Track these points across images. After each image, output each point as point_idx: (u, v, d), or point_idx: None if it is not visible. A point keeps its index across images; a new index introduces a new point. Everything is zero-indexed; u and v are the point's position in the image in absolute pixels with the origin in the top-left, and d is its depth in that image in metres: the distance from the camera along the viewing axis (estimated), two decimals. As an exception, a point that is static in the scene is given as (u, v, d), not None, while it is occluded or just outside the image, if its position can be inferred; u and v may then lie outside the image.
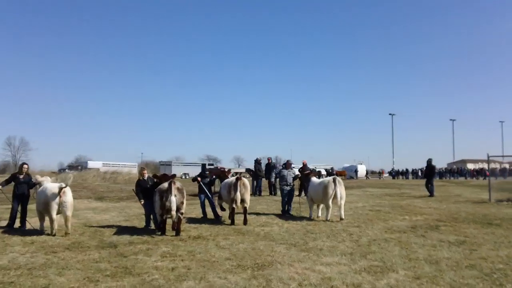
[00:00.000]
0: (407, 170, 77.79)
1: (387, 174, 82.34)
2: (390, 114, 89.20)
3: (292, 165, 15.43)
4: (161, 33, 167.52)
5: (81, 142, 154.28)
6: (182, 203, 10.86)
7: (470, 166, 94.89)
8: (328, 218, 12.86)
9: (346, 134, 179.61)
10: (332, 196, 12.78)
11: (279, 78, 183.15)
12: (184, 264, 7.49)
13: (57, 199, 10.50)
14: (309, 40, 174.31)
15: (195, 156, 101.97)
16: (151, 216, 11.95)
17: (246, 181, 12.66)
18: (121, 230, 11.46)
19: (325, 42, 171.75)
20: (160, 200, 10.62)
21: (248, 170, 25.73)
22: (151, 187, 12.25)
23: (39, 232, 11.01)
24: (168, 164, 68.49)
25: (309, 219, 13.41)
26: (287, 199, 14.81)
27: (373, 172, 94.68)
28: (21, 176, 12.04)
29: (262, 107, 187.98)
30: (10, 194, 12.13)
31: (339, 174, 56.94)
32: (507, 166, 60.33)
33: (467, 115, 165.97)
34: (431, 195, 22.47)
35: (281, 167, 15.17)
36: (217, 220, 13.14)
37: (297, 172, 15.47)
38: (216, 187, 15.44)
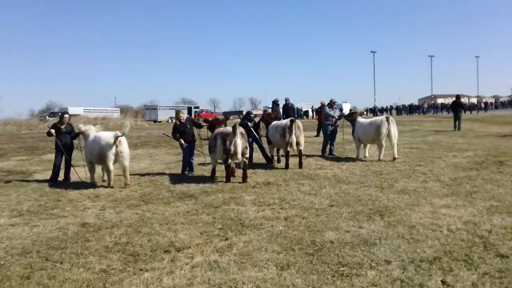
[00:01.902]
0: (391, 106, 78.28)
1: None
2: (371, 51, 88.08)
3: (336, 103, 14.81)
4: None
5: (51, 89, 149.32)
6: (246, 147, 10.39)
7: (440, 101, 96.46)
8: (381, 158, 12.44)
9: (325, 72, 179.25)
10: (385, 135, 12.32)
11: (254, 18, 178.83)
12: (294, 213, 6.97)
13: (114, 149, 9.71)
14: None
15: (170, 100, 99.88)
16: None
17: (300, 122, 12.03)
18: (176, 178, 10.86)
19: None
20: (223, 144, 10.02)
21: (265, 111, 24.94)
22: (189, 130, 11.68)
23: (91, 184, 10.24)
24: (154, 108, 66.69)
25: (358, 159, 12.98)
26: (330, 139, 14.29)
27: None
28: (63, 126, 11.08)
29: (236, 48, 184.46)
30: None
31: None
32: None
33: (445, 51, 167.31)
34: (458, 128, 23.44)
35: (327, 107, 14.45)
36: (269, 164, 12.56)
37: (339, 112, 14.84)
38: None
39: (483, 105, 70.90)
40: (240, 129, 10.36)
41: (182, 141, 11.63)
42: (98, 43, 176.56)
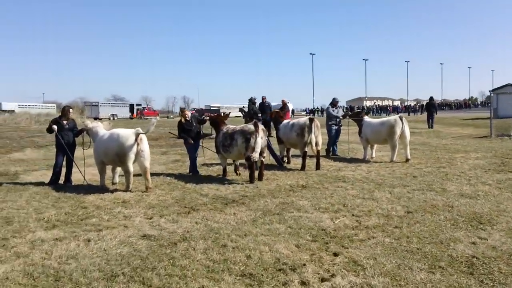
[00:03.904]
0: (320, 108, 79.80)
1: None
2: (310, 53, 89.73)
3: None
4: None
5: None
6: (266, 146, 10.11)
7: (368, 103, 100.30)
8: (394, 159, 12.18)
9: (264, 72, 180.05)
10: (399, 136, 12.09)
11: (189, 13, 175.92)
12: (376, 222, 6.41)
13: (135, 148, 8.63)
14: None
15: (100, 96, 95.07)
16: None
17: (318, 121, 11.49)
18: (191, 179, 10.00)
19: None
20: (246, 142, 9.50)
21: (241, 110, 24.12)
22: (195, 128, 11.06)
23: (101, 188, 9.12)
24: (95, 105, 63.40)
25: (366, 160, 12.67)
26: (334, 139, 13.87)
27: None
28: (65, 122, 9.77)
29: (169, 45, 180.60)
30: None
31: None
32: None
33: (378, 55, 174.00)
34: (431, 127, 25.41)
35: (329, 106, 14.00)
36: (280, 166, 11.89)
37: (342, 112, 14.42)
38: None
39: (418, 108, 74.05)
40: (262, 126, 9.79)
41: (191, 141, 10.76)
42: (22, 35, 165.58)
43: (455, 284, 4.19)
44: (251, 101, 21.15)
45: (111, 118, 60.87)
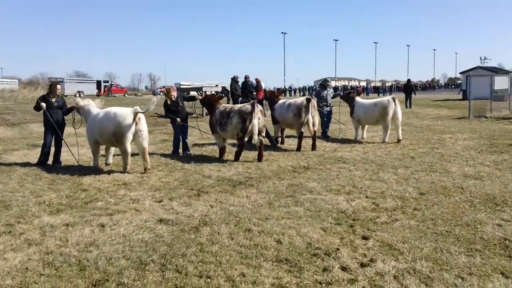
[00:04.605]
0: (305, 87, 79.95)
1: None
2: (282, 32, 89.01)
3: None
4: None
5: None
6: (264, 126, 9.99)
7: (332, 83, 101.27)
8: (386, 140, 12.18)
9: (236, 52, 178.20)
10: (391, 117, 12.09)
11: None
12: (393, 204, 6.31)
13: (133, 127, 8.26)
14: None
15: (62, 72, 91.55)
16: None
17: (315, 101, 11.32)
18: (187, 160, 9.67)
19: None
20: (242, 122, 9.32)
21: (224, 90, 23.66)
22: (182, 108, 10.79)
23: (95, 169, 8.74)
24: (60, 81, 61.04)
25: (357, 141, 12.62)
26: (326, 120, 13.75)
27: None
28: (54, 100, 9.24)
29: (135, 20, 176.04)
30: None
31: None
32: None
33: (348, 36, 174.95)
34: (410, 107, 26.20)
35: (318, 88, 13.81)
36: (274, 146, 11.70)
37: (332, 93, 14.24)
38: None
39: (386, 89, 74.93)
40: (259, 107, 9.60)
41: (180, 121, 10.43)
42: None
43: (500, 268, 4.12)
44: (234, 80, 20.80)
45: (77, 95, 59.03)
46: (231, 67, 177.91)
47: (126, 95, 68.53)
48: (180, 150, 10.81)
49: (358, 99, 13.23)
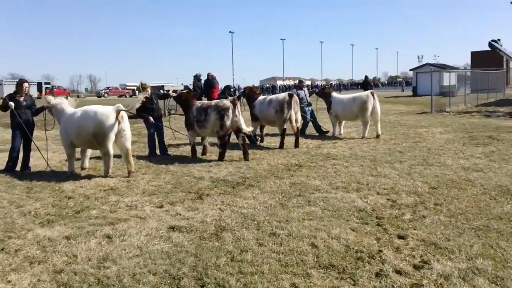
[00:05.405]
0: (242, 87, 79.65)
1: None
2: (230, 32, 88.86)
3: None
4: None
5: None
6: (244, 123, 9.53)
7: (279, 82, 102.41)
8: (366, 135, 12.06)
9: (182, 52, 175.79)
10: (371, 112, 11.99)
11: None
12: (410, 200, 6.06)
13: (115, 127, 7.59)
14: None
15: None
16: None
17: (297, 97, 11.00)
18: (172, 161, 9.09)
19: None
20: (220, 119, 8.92)
21: (186, 88, 22.89)
22: (157, 106, 10.28)
23: (71, 174, 8.00)
24: (-1, 84, 57.74)
25: (335, 136, 12.42)
26: (313, 119, 13.45)
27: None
28: (22, 99, 8.36)
29: (75, 20, 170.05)
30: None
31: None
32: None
33: (294, 35, 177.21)
34: None
35: (295, 90, 13.50)
36: (254, 144, 11.27)
37: (306, 92, 13.92)
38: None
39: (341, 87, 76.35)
40: (238, 104, 9.30)
41: (152, 119, 9.81)
42: None
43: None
44: (197, 78, 20.19)
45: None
46: (178, 67, 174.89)
47: (68, 97, 65.67)
48: (157, 151, 10.15)
49: (334, 94, 13.04)
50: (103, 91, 72.45)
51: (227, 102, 9.07)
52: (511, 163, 8.18)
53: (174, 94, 10.84)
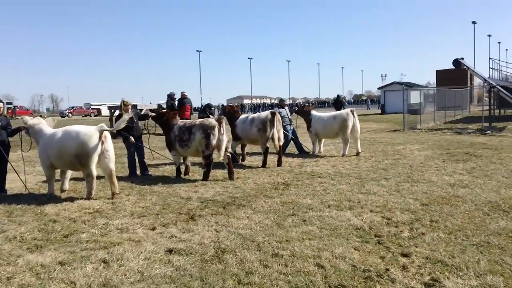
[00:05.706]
0: (223, 105, 79.85)
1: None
2: (197, 50, 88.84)
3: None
4: None
5: None
6: (229, 141, 9.72)
7: (247, 101, 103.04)
8: (345, 153, 12.14)
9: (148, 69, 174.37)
10: (351, 130, 12.10)
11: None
12: (405, 217, 6.06)
13: (99, 147, 7.37)
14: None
15: None
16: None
17: (279, 115, 11.00)
18: (152, 182, 8.88)
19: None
20: (206, 138, 8.84)
21: (159, 106, 22.58)
22: (137, 125, 10.12)
23: (50, 197, 7.74)
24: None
25: (314, 155, 12.44)
26: (294, 138, 13.42)
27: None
28: (-3, 119, 8.04)
29: (36, 38, 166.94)
30: None
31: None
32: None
33: (261, 54, 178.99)
34: None
35: (277, 108, 13.50)
36: (235, 163, 11.13)
37: (287, 110, 13.93)
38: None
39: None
40: (223, 122, 9.21)
41: (132, 139, 9.61)
42: None
43: None
44: (170, 97, 19.99)
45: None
46: (144, 86, 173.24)
47: (46, 117, 64.02)
48: (138, 172, 9.91)
49: (314, 112, 13.10)
50: (67, 111, 70.90)
51: (212, 121, 8.98)
52: (494, 179, 8.31)
53: (153, 114, 10.63)
